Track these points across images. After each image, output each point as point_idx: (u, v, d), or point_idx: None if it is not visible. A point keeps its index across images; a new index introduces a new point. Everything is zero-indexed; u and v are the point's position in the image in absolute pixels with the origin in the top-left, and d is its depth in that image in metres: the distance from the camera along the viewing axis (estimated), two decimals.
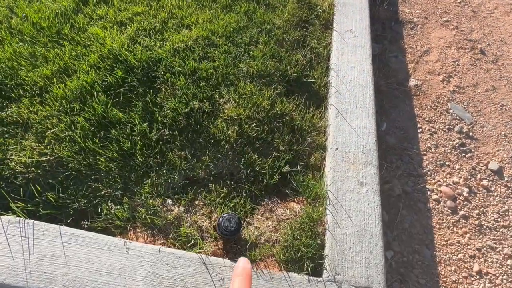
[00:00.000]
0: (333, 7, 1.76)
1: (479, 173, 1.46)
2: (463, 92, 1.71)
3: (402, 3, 2.10)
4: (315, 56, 1.57)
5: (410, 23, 1.99)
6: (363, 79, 1.48)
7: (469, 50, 1.88)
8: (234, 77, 1.41)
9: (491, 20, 2.04)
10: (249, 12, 1.66)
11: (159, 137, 1.23)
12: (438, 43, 1.91)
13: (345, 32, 1.65)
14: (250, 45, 1.53)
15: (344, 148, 1.27)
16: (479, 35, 1.95)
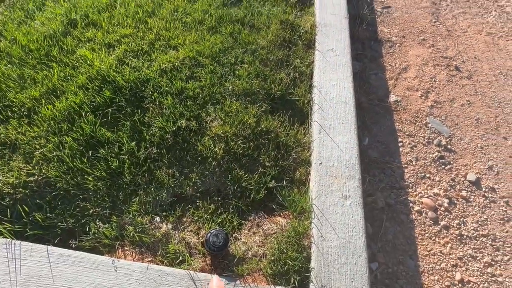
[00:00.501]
0: (315, 28, 1.84)
1: (458, 184, 1.52)
2: (440, 107, 1.79)
3: (381, 23, 2.20)
4: (298, 75, 1.63)
5: (389, 42, 2.09)
6: (345, 96, 1.54)
7: (445, 67, 1.97)
8: (220, 96, 1.45)
9: (465, 38, 2.15)
10: (234, 33, 1.72)
11: (147, 155, 1.25)
12: (415, 60, 2.00)
13: (326, 51, 1.73)
14: (235, 65, 1.59)
15: (328, 162, 1.31)
16: (454, 53, 2.05)
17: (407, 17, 2.25)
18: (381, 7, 2.31)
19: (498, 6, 2.40)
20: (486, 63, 2.01)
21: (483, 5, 2.39)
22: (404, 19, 2.24)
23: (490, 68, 1.98)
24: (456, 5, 2.37)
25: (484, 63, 2.01)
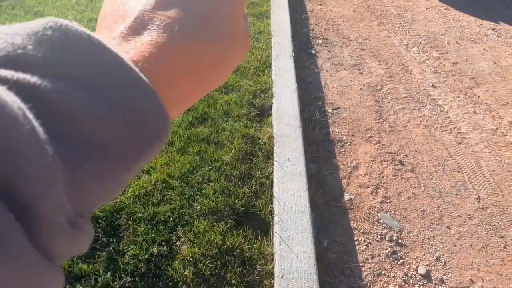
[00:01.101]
0: (273, 139, 2.10)
1: (411, 278, 1.67)
2: (389, 202, 2.01)
3: (332, 124, 2.51)
4: (259, 187, 1.84)
5: (340, 142, 2.37)
6: (301, 205, 1.74)
7: (390, 162, 2.24)
8: (189, 216, 1.62)
9: (406, 132, 2.47)
10: (201, 152, 1.95)
11: (122, 285, 1.36)
12: (364, 158, 2.26)
13: (283, 161, 1.96)
14: (202, 184, 1.78)
15: (288, 275, 1.46)
16: (397, 147, 2.34)
17: (354, 116, 2.58)
18: (332, 108, 2.65)
19: (432, 99, 2.78)
20: (426, 155, 2.30)
21: (419, 100, 2.77)
22: (352, 118, 2.56)
23: (430, 159, 2.26)
24: (396, 102, 2.74)
25: (424, 155, 2.30)
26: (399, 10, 4.19)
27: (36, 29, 0.15)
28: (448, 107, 2.71)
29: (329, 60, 3.18)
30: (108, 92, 0.16)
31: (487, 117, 2.63)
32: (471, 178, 2.15)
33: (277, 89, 2.49)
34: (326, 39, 3.50)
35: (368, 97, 2.77)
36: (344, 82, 2.92)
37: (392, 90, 2.84)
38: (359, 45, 3.43)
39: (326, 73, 3.02)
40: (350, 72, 3.04)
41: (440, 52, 3.40)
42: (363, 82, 2.93)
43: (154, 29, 0.19)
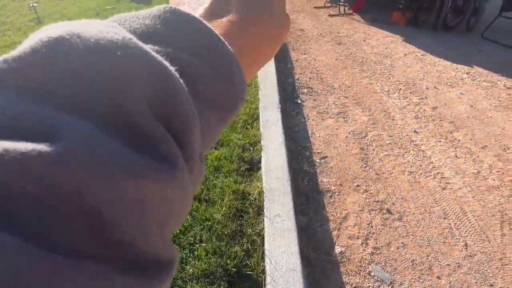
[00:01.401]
0: (263, 194, 2.16)
1: None
2: (379, 253, 2.04)
3: (321, 174, 2.58)
4: (251, 244, 1.87)
5: (329, 192, 2.43)
6: (293, 262, 1.76)
7: (378, 211, 2.30)
8: (182, 281, 1.63)
9: (391, 180, 2.55)
10: (193, 211, 1.99)
11: None
12: (353, 207, 2.32)
13: (274, 217, 2.01)
14: (194, 245, 1.81)
15: None
16: (384, 196, 2.41)
17: (341, 165, 2.66)
18: (319, 157, 2.73)
19: (415, 145, 2.90)
20: (412, 202, 2.36)
21: (402, 146, 2.88)
22: (339, 167, 2.64)
23: (416, 207, 2.33)
24: (381, 149, 2.84)
25: (410, 202, 2.36)
26: (379, 57, 4.44)
27: (158, 13, 0.20)
28: (430, 152, 2.82)
29: (315, 108, 3.32)
30: (210, 59, 0.20)
31: (468, 161, 2.74)
32: (457, 225, 2.21)
33: (265, 142, 2.58)
34: (311, 88, 3.66)
35: (353, 145, 2.87)
36: (330, 131, 3.03)
37: (376, 137, 2.96)
38: (343, 93, 3.59)
39: (313, 121, 3.14)
40: (336, 120, 3.17)
41: (420, 97, 3.58)
42: (348, 130, 3.04)
43: (228, 11, 0.24)
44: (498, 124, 3.20)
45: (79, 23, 0.16)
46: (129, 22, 0.19)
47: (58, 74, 0.14)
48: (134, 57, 0.16)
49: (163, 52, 0.18)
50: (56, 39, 0.15)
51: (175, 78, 0.17)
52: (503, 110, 3.42)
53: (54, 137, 0.13)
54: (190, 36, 0.20)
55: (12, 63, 0.14)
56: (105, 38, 0.16)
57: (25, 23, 4.52)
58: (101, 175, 0.13)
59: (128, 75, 0.15)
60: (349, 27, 5.37)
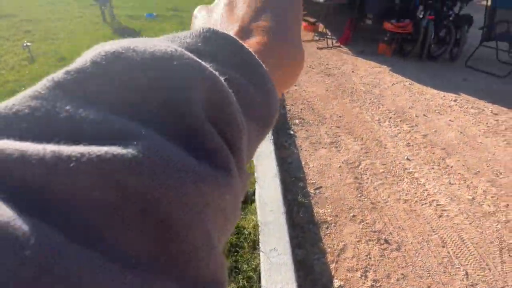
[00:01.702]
0: (258, 228, 2.11)
1: None
2: (379, 285, 1.98)
3: (316, 205, 2.55)
4: (247, 281, 1.80)
5: (325, 223, 2.39)
6: None
7: (376, 241, 2.26)
8: None
9: (387, 208, 2.52)
10: None
11: None
12: (350, 238, 2.28)
13: (269, 251, 1.96)
14: None
15: None
16: (381, 225, 2.38)
17: (336, 195, 2.64)
18: (314, 188, 2.71)
19: (408, 173, 2.90)
20: (409, 231, 2.33)
21: (396, 174, 2.89)
22: (334, 197, 2.62)
23: (414, 236, 2.29)
24: (375, 177, 2.84)
25: (407, 231, 2.33)
26: (368, 87, 4.54)
27: (198, 33, 0.21)
28: (424, 179, 2.82)
29: (307, 139, 3.34)
30: (249, 75, 0.21)
31: (462, 187, 2.74)
32: (456, 253, 2.17)
33: (259, 174, 2.57)
34: (303, 118, 3.71)
35: (347, 174, 2.87)
36: (324, 161, 3.03)
37: (369, 166, 2.97)
38: (335, 123, 3.64)
39: (306, 152, 3.15)
40: (328, 150, 3.18)
41: (410, 125, 3.64)
42: (342, 159, 3.05)
43: (255, 34, 0.25)
44: (489, 149, 3.24)
45: (131, 40, 0.17)
46: (172, 40, 0.20)
47: (119, 84, 0.15)
48: (189, 65, 0.17)
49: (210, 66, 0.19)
50: (113, 53, 0.16)
51: (226, 88, 0.18)
52: (492, 136, 3.47)
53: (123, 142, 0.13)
54: (229, 53, 0.21)
55: (74, 74, 0.15)
56: (160, 50, 0.16)
57: (18, 62, 4.58)
58: (173, 181, 0.14)
59: (186, 83, 0.16)
60: (338, 59, 5.53)
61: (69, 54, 4.87)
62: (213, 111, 0.17)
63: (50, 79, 0.14)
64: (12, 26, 6.23)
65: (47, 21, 6.64)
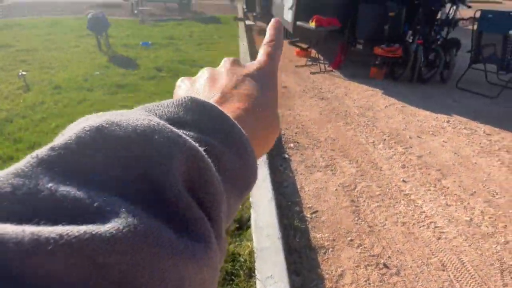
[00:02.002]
0: (254, 254, 2.06)
1: None
2: None
3: (312, 229, 2.51)
4: None
5: (322, 248, 2.34)
6: None
7: (374, 266, 2.20)
8: None
9: (385, 231, 2.49)
10: None
11: None
12: (348, 263, 2.22)
13: (266, 279, 1.90)
14: None
15: None
16: (380, 249, 2.33)
17: (333, 219, 2.60)
18: (310, 212, 2.68)
19: (405, 195, 2.88)
20: (408, 254, 2.29)
21: (392, 196, 2.86)
22: (331, 221, 2.58)
23: (413, 259, 2.25)
24: (371, 200, 2.81)
25: (406, 255, 2.28)
26: (361, 109, 4.59)
27: (180, 102, 0.22)
28: (421, 201, 2.80)
29: (302, 163, 3.33)
30: (228, 142, 0.22)
31: (460, 209, 2.72)
32: (457, 276, 2.12)
33: (254, 199, 2.54)
34: (298, 142, 3.71)
35: (344, 197, 2.84)
36: (319, 184, 3.01)
37: (365, 189, 2.95)
38: (329, 146, 3.64)
39: (301, 176, 3.13)
40: (324, 173, 3.17)
41: (405, 146, 3.65)
42: (337, 182, 3.03)
43: (236, 100, 0.27)
44: (484, 169, 3.25)
45: (116, 113, 0.18)
46: (155, 110, 0.21)
47: (101, 159, 0.15)
48: (170, 140, 0.17)
49: (190, 135, 0.20)
50: (97, 128, 0.16)
51: (206, 158, 0.19)
52: (486, 156, 3.49)
53: (102, 219, 0.14)
54: (210, 121, 0.22)
55: (59, 150, 0.15)
56: (142, 124, 0.17)
57: (13, 91, 4.59)
58: (151, 258, 0.14)
59: (166, 157, 0.17)
60: (330, 83, 5.61)
61: (64, 83, 4.91)
62: (193, 182, 0.18)
63: (34, 156, 0.15)
64: (8, 56, 6.30)
65: (44, 51, 6.73)
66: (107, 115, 0.18)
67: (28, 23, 9.72)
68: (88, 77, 5.17)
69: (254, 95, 0.28)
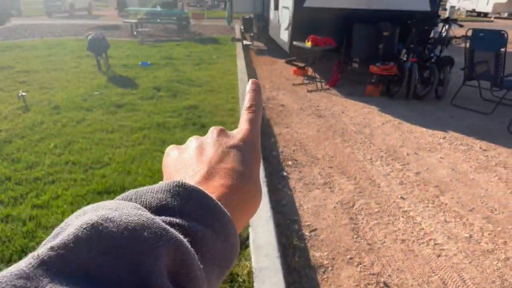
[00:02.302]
0: (252, 274, 2.04)
1: None
2: None
3: (312, 248, 2.49)
4: None
5: (322, 267, 2.32)
6: None
7: (375, 285, 2.18)
8: None
9: (385, 249, 2.47)
10: None
11: None
12: (348, 283, 2.20)
13: None
14: None
15: None
16: (379, 267, 2.31)
17: (332, 237, 2.59)
18: (309, 230, 2.66)
19: (403, 212, 2.88)
20: (409, 273, 2.26)
21: (391, 213, 2.86)
22: (330, 240, 2.56)
23: (413, 277, 2.22)
24: (370, 217, 2.80)
25: (407, 273, 2.26)
26: (358, 127, 4.63)
27: (168, 188, 0.24)
28: (420, 218, 2.79)
29: (301, 180, 3.33)
30: (212, 224, 0.24)
31: (459, 225, 2.71)
32: None
33: (252, 218, 2.52)
34: (296, 160, 3.72)
35: (342, 215, 2.83)
36: (318, 202, 3.01)
37: (364, 206, 2.94)
38: (327, 163, 3.65)
39: (299, 193, 3.13)
40: (322, 190, 3.17)
41: (402, 163, 3.67)
42: (336, 200, 3.03)
43: (221, 176, 0.29)
44: (481, 185, 3.25)
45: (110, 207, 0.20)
46: (145, 197, 0.23)
47: (97, 255, 0.17)
48: (157, 235, 0.19)
49: (176, 222, 0.22)
50: (93, 225, 0.18)
51: (189, 250, 0.20)
52: (483, 172, 3.50)
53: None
54: (195, 205, 0.24)
55: (58, 250, 0.17)
56: (133, 220, 0.19)
57: (12, 111, 4.62)
58: None
59: (153, 252, 0.19)
60: (327, 101, 5.68)
61: (64, 103, 4.95)
62: (176, 272, 0.20)
63: (35, 257, 0.17)
64: (8, 77, 6.36)
65: (43, 72, 6.80)
66: (103, 208, 0.20)
67: (29, 45, 9.86)
68: (87, 97, 5.21)
69: (238, 170, 0.30)
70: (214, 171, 0.29)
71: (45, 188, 2.89)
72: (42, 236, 2.30)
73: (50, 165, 3.23)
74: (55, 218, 2.49)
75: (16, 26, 14.09)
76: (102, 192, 2.83)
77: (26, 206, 2.63)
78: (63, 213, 2.54)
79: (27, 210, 2.57)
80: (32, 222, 2.45)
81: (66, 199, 2.72)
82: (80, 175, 3.09)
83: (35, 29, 13.23)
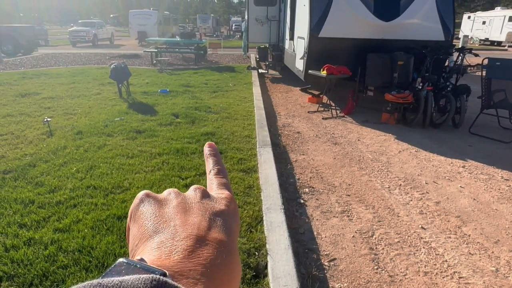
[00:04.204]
0: None
1: None
2: None
3: (331, 278, 2.44)
4: None
5: None
6: None
7: None
8: None
9: (407, 282, 2.40)
10: None
11: None
12: None
13: None
14: None
15: None
16: None
17: (352, 268, 2.53)
18: (328, 260, 2.61)
19: (425, 242, 2.81)
20: None
21: (412, 244, 2.79)
22: (350, 270, 2.51)
23: None
24: (390, 248, 2.74)
25: None
26: (375, 154, 4.61)
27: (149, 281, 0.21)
28: (442, 249, 2.72)
29: (318, 208, 3.30)
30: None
31: (484, 258, 2.62)
32: None
33: (270, 246, 2.51)
34: (312, 187, 3.71)
35: (362, 244, 2.78)
36: (336, 230, 2.97)
37: (384, 236, 2.88)
38: (344, 191, 3.62)
39: (317, 221, 3.10)
40: (340, 219, 3.13)
41: (421, 192, 3.61)
42: (354, 229, 2.98)
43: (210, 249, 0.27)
44: (505, 216, 3.16)
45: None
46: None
47: None
48: None
49: None
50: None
51: None
52: (507, 202, 3.41)
53: None
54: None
55: None
56: None
57: (37, 136, 4.79)
58: None
59: None
60: (343, 128, 5.69)
61: (86, 128, 5.11)
62: None
63: None
64: (34, 103, 6.64)
65: (67, 98, 7.08)
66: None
67: (55, 72, 10.32)
68: (109, 123, 5.37)
69: (226, 242, 0.28)
70: (203, 241, 0.27)
71: (66, 212, 2.95)
72: (63, 260, 2.33)
73: (72, 189, 3.31)
74: (76, 242, 2.53)
75: (43, 55, 14.81)
76: (122, 217, 2.86)
77: (48, 230, 2.68)
78: (83, 237, 2.58)
79: (49, 234, 2.62)
80: (53, 245, 2.49)
81: (87, 223, 2.76)
82: (101, 199, 3.15)
83: (61, 58, 13.88)
